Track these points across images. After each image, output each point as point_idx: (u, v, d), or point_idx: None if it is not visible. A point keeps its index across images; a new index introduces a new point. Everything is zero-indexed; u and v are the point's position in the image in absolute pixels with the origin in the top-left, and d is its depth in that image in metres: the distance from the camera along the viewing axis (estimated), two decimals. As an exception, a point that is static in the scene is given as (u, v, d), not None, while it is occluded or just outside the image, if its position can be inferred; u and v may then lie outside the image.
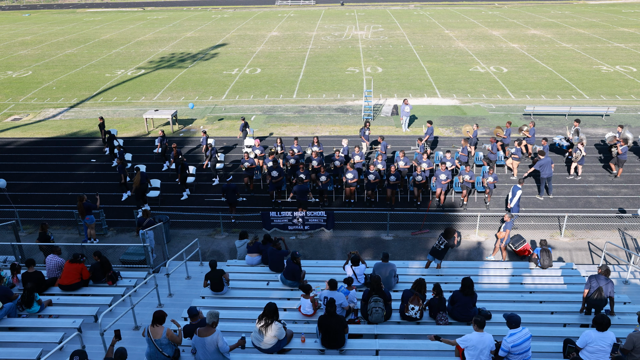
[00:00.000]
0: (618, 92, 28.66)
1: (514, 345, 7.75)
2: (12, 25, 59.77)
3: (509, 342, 7.78)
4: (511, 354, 7.82)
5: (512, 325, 7.87)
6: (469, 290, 9.38)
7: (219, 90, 30.95)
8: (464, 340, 7.79)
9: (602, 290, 9.64)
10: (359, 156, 17.84)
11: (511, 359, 7.86)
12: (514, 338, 7.77)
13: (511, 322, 7.89)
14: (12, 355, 8.58)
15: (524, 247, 13.98)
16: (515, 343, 7.75)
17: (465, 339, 7.77)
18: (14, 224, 14.45)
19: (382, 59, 38.03)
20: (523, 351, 7.79)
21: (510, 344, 7.76)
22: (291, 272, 11.22)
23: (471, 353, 7.71)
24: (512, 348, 7.75)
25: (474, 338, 7.71)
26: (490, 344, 7.73)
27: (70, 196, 18.02)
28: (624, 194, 17.67)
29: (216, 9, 70.88)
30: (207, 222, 16.25)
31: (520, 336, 7.79)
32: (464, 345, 7.81)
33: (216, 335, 7.86)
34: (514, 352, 7.77)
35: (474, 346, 7.67)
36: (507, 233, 13.51)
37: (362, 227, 15.98)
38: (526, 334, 7.85)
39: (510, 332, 7.86)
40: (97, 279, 11.55)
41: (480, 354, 7.67)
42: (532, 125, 19.71)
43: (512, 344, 7.75)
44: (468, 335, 7.81)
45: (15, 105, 29.08)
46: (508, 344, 7.77)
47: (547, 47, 40.63)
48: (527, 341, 7.82)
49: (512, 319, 7.90)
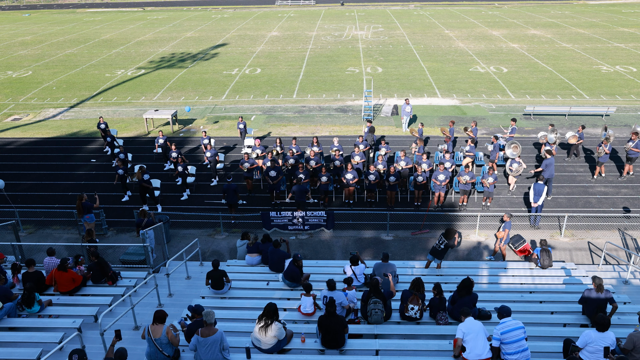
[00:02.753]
0: (618, 92, 28.66)
1: (503, 332, 7.82)
2: (12, 25, 59.78)
3: (498, 329, 7.89)
4: (504, 344, 7.85)
5: (503, 315, 8.08)
6: (467, 291, 9.38)
7: (219, 90, 30.95)
8: (458, 330, 8.02)
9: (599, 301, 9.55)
10: (359, 156, 17.84)
11: (506, 350, 7.86)
12: (503, 326, 7.89)
13: (502, 313, 8.09)
14: (12, 355, 8.57)
15: (524, 247, 13.97)
16: (505, 330, 7.83)
17: (459, 328, 8.01)
18: (14, 224, 14.45)
19: (382, 59, 38.04)
20: (516, 339, 7.81)
21: (500, 331, 7.86)
22: (291, 274, 11.22)
23: (468, 339, 7.87)
24: (502, 335, 7.83)
25: (466, 324, 7.98)
26: (482, 327, 7.95)
27: (70, 196, 18.02)
28: (624, 194, 17.67)
29: (216, 9, 70.88)
30: (207, 222, 16.25)
31: (509, 324, 7.89)
32: (460, 335, 7.96)
33: (219, 334, 7.87)
34: (506, 340, 7.83)
35: (468, 330, 7.89)
36: (507, 233, 13.52)
37: (362, 227, 15.98)
38: (517, 323, 7.93)
39: (500, 322, 7.99)
40: (97, 279, 11.55)
41: (477, 337, 7.83)
42: (513, 124, 19.89)
43: (502, 330, 7.85)
44: (460, 325, 8.05)
45: (15, 105, 29.08)
46: (498, 331, 7.88)
47: (547, 47, 40.63)
48: (518, 330, 7.87)
49: (502, 309, 8.13)
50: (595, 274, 12.29)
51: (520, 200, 17.49)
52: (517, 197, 17.66)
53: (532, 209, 15.59)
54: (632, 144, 18.00)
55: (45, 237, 15.85)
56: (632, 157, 18.24)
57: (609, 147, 17.90)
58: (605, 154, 18.00)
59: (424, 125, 20.68)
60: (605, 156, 18.09)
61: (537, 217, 15.61)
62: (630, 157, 18.31)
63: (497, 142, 18.59)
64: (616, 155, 20.28)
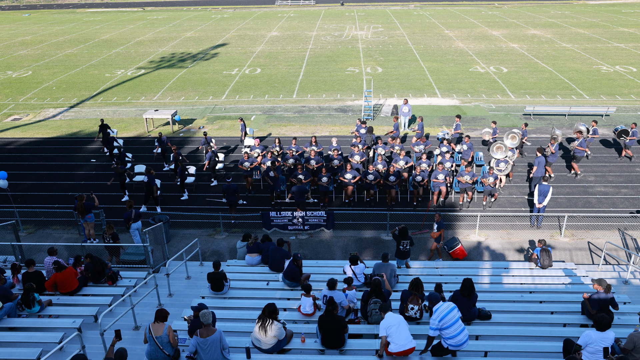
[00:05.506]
0: (618, 92, 28.66)
1: (441, 319, 7.83)
2: (12, 25, 59.77)
3: (435, 317, 7.91)
4: (443, 329, 7.87)
5: (434, 302, 8.12)
6: (469, 291, 9.38)
7: (219, 90, 30.95)
8: (380, 329, 8.03)
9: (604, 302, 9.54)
10: (358, 155, 17.84)
11: (446, 335, 7.89)
12: (438, 312, 7.91)
13: (432, 300, 8.18)
14: (12, 355, 8.58)
15: (457, 249, 14.02)
16: (442, 316, 7.84)
17: (381, 326, 8.03)
18: (14, 224, 14.45)
19: (382, 59, 38.03)
20: (454, 321, 7.84)
21: (437, 319, 7.86)
22: (291, 274, 11.22)
23: (391, 332, 7.92)
24: (440, 322, 7.83)
25: (386, 320, 8.01)
26: (403, 320, 8.02)
27: (70, 196, 18.01)
28: (624, 194, 17.67)
29: (216, 9, 70.88)
30: (207, 222, 16.25)
31: (443, 309, 7.91)
32: (384, 333, 7.99)
33: (218, 334, 7.87)
34: (445, 324, 7.84)
35: (389, 324, 7.93)
36: (441, 233, 13.63)
37: (362, 227, 15.98)
38: (449, 305, 7.96)
39: (434, 310, 8.01)
40: (96, 278, 11.55)
41: (399, 329, 7.89)
42: (493, 126, 19.99)
43: (439, 318, 7.85)
44: (381, 322, 8.08)
45: (15, 105, 29.08)
46: (435, 320, 7.88)
47: (547, 47, 40.63)
48: (452, 311, 7.90)
49: (432, 296, 8.25)
50: (595, 274, 12.34)
51: (521, 200, 17.49)
52: (517, 197, 17.66)
53: (535, 209, 15.59)
54: (577, 142, 18.14)
55: (45, 237, 15.85)
56: (578, 155, 18.42)
57: (555, 147, 17.97)
58: (552, 154, 18.02)
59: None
60: (552, 156, 18.08)
61: (539, 217, 15.61)
62: (576, 156, 18.50)
63: (470, 141, 18.60)
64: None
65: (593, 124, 19.89)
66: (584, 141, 18.15)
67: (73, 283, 11.01)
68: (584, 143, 18.12)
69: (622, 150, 20.14)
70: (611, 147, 21.37)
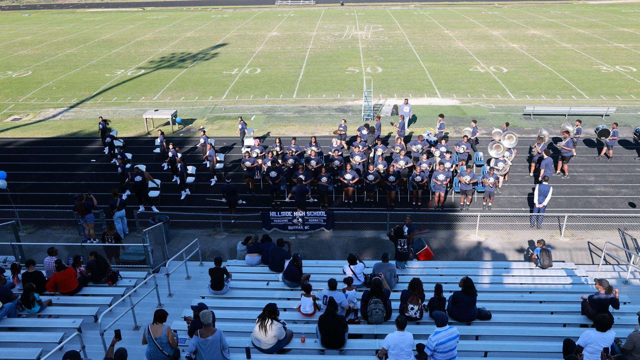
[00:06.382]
0: (618, 92, 28.66)
1: (438, 344, 7.82)
2: (12, 25, 59.77)
3: (433, 340, 7.87)
4: (436, 352, 7.87)
5: (439, 323, 7.98)
6: (471, 291, 9.38)
7: (219, 90, 30.95)
8: (385, 340, 7.95)
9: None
10: (359, 156, 17.84)
11: (436, 357, 7.90)
12: (439, 336, 7.85)
13: (438, 321, 8.01)
14: (12, 355, 8.58)
15: (423, 251, 13.90)
16: (440, 341, 7.82)
17: (386, 339, 7.93)
18: (14, 224, 14.45)
19: (382, 59, 38.03)
20: (448, 350, 7.85)
21: (435, 342, 7.84)
22: (291, 274, 11.22)
23: (392, 353, 7.86)
24: (436, 346, 7.83)
25: (394, 339, 7.87)
26: (410, 342, 7.88)
27: (70, 196, 18.01)
28: (624, 194, 17.67)
29: (216, 9, 70.88)
30: (207, 222, 16.25)
31: (445, 335, 7.86)
32: (385, 346, 7.94)
33: (218, 334, 7.87)
34: (439, 350, 7.84)
35: (394, 344, 7.83)
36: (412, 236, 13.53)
37: (362, 227, 15.98)
38: (452, 333, 7.91)
39: (436, 331, 7.95)
40: (96, 278, 11.55)
41: (399, 355, 7.82)
42: (474, 124, 20.00)
43: (437, 342, 7.83)
44: (389, 335, 7.96)
45: (15, 105, 29.08)
46: (433, 342, 7.85)
47: (547, 47, 40.63)
48: (452, 340, 7.87)
49: (439, 317, 8.03)
50: (595, 274, 12.34)
51: (521, 200, 17.49)
52: (517, 197, 17.66)
53: (535, 209, 15.58)
54: (563, 142, 18.15)
55: (45, 237, 15.85)
56: (566, 155, 18.41)
57: (542, 147, 17.97)
58: (538, 154, 18.02)
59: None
60: (539, 156, 18.09)
61: (539, 217, 15.61)
62: (565, 156, 18.49)
63: (468, 142, 18.59)
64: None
65: (577, 123, 19.85)
66: (571, 141, 18.15)
67: (73, 283, 11.02)
68: (571, 143, 18.12)
69: (602, 149, 20.19)
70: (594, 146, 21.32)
